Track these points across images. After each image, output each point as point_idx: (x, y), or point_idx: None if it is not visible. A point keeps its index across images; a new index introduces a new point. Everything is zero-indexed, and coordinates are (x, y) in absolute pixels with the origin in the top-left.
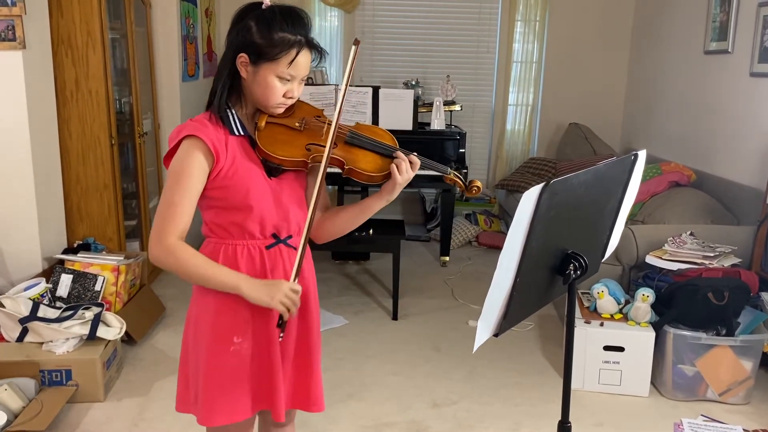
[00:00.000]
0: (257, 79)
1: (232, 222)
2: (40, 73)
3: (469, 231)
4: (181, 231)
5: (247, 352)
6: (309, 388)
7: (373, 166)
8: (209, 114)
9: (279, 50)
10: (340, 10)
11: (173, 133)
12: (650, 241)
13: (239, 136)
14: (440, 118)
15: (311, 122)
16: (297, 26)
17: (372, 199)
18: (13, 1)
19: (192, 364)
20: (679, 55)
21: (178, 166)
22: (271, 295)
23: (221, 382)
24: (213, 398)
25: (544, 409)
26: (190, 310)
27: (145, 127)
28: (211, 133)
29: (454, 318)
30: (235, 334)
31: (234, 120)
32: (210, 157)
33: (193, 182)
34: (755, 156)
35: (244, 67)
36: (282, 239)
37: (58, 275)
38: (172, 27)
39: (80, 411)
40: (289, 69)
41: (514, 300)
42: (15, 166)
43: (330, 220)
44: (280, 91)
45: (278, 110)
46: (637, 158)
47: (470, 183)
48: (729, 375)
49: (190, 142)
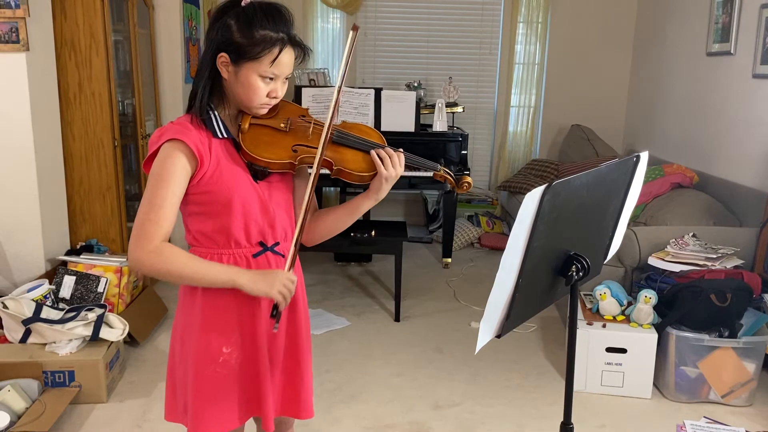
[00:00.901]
0: (239, 79)
1: (218, 230)
2: (44, 75)
3: (472, 233)
4: (165, 234)
5: (236, 362)
6: (299, 394)
7: (362, 166)
8: (191, 116)
9: (261, 48)
10: (343, 12)
11: (153, 136)
12: (653, 243)
13: (222, 138)
14: (442, 120)
15: (297, 122)
16: (279, 23)
17: (360, 199)
18: (17, 3)
19: (179, 374)
20: (682, 57)
21: (160, 167)
22: (270, 284)
23: (210, 393)
24: (202, 409)
25: (546, 410)
26: (177, 320)
27: (148, 128)
28: (193, 136)
29: (457, 319)
30: (223, 345)
31: (217, 122)
32: (193, 160)
33: (176, 184)
34: (758, 157)
35: (225, 67)
36: (269, 247)
37: (61, 277)
38: (174, 29)
39: (83, 412)
40: (272, 68)
41: (516, 301)
42: (18, 168)
43: (318, 221)
44: (264, 91)
45: (262, 111)
46: (639, 160)
47: (460, 179)
48: (732, 377)
49: (172, 144)
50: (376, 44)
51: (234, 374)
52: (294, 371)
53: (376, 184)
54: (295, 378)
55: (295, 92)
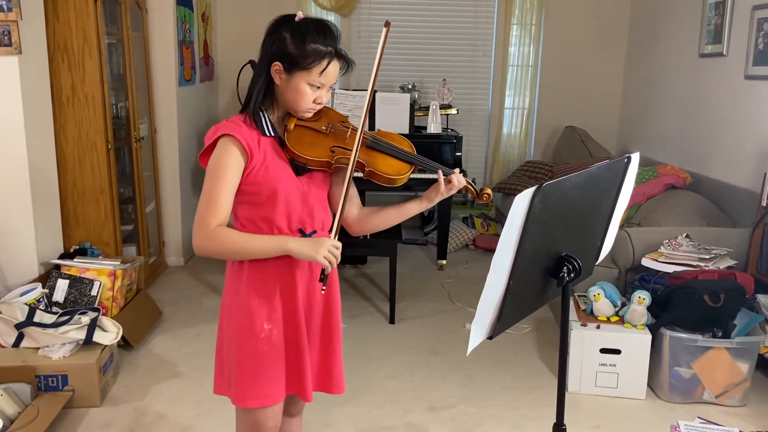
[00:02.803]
0: (290, 85)
1: (263, 217)
2: (36, 78)
3: (466, 234)
4: (221, 220)
5: (278, 338)
6: (332, 371)
7: (392, 170)
8: (244, 116)
9: (312, 60)
10: (337, 14)
11: (210, 132)
12: (646, 244)
13: (270, 137)
14: (437, 122)
15: (337, 126)
16: (328, 38)
17: (412, 204)
18: (9, 6)
19: (226, 350)
20: (675, 58)
21: (216, 161)
22: (316, 249)
23: (252, 367)
24: (244, 382)
25: (541, 412)
26: (224, 300)
27: (141, 131)
28: (245, 133)
29: (452, 321)
30: (264, 321)
31: (266, 122)
32: (245, 154)
33: (231, 176)
34: (750, 158)
35: (278, 75)
36: (307, 234)
37: (54, 280)
38: (168, 32)
39: (76, 416)
40: (320, 77)
41: (507, 302)
42: (11, 171)
43: (371, 216)
44: (311, 98)
45: (307, 114)
46: (630, 161)
47: (481, 190)
48: (725, 377)
49: (226, 140)
50: (369, 46)
51: (275, 350)
52: (328, 349)
53: (432, 195)
54: (329, 355)
55: None
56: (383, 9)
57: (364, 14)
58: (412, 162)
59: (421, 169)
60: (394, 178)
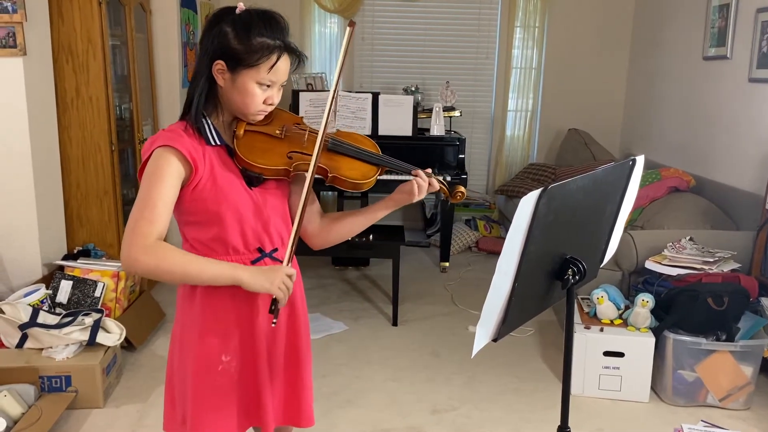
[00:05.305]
0: (236, 86)
1: (214, 237)
2: (41, 79)
3: (469, 237)
4: (159, 233)
5: (236, 370)
6: (300, 402)
7: (357, 174)
8: (185, 124)
9: (259, 56)
10: (340, 17)
11: (147, 143)
12: (650, 247)
13: (216, 145)
14: (440, 124)
15: (292, 129)
16: (275, 30)
17: (379, 206)
18: (14, 7)
19: (178, 383)
20: (678, 61)
21: (153, 168)
22: (270, 280)
23: (209, 402)
24: (201, 418)
25: (544, 415)
26: (175, 329)
27: (145, 133)
28: (186, 143)
29: (454, 324)
30: (222, 353)
31: (210, 129)
32: (187, 166)
33: (170, 184)
34: (754, 161)
35: (221, 75)
36: (267, 253)
37: (57, 281)
38: (172, 33)
39: (80, 417)
40: (269, 75)
41: (512, 305)
42: (15, 172)
43: (334, 225)
44: (260, 98)
45: (258, 117)
46: (635, 163)
47: (454, 190)
48: (729, 380)
49: (164, 149)
50: (373, 48)
51: (233, 383)
52: (294, 378)
53: (402, 200)
54: (295, 385)
55: (293, 97)
56: (387, 11)
57: (367, 16)
58: (378, 164)
59: (389, 171)
60: (360, 183)
